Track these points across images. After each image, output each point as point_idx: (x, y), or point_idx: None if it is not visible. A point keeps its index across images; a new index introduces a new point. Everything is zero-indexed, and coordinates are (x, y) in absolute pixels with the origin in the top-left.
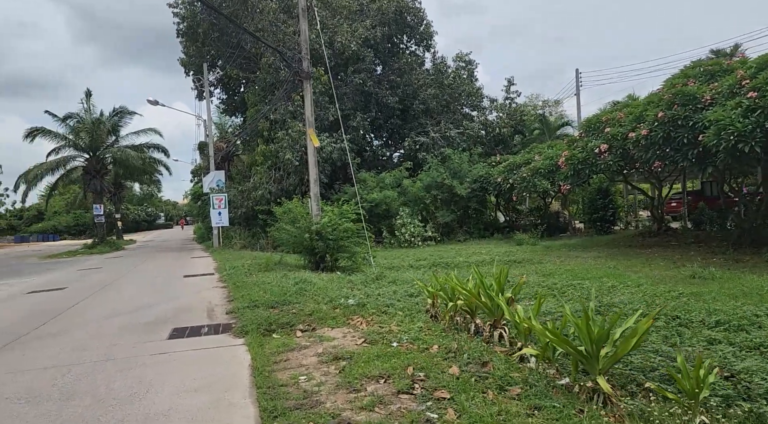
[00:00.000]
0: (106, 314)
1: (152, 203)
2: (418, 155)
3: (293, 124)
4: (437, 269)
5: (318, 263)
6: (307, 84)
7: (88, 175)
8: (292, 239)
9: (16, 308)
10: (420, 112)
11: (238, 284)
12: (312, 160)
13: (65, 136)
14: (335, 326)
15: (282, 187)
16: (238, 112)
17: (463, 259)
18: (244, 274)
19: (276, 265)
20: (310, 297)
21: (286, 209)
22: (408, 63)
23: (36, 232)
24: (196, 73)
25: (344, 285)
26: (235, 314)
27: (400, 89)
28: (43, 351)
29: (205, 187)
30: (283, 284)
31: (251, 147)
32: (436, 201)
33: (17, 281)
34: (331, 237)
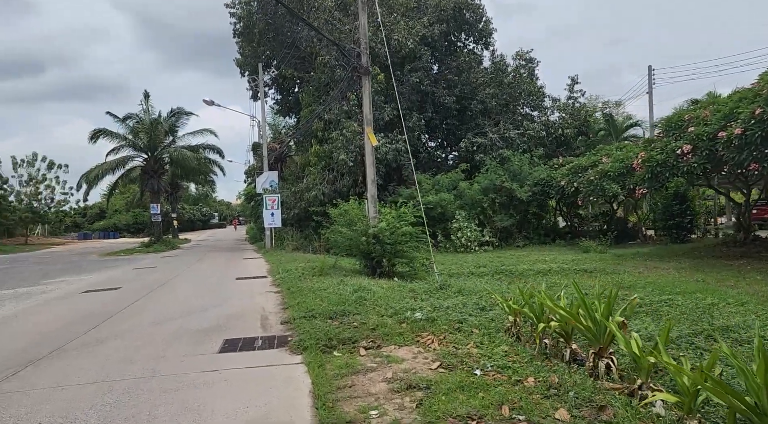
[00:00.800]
0: (157, 318)
1: (207, 203)
2: (475, 157)
3: (348, 124)
4: (501, 277)
5: (374, 268)
6: (366, 80)
7: (146, 175)
8: (347, 242)
9: (70, 308)
10: (478, 113)
11: (293, 289)
12: (369, 160)
13: (125, 136)
14: (403, 344)
15: (335, 189)
16: (292, 112)
17: (527, 267)
18: (298, 278)
19: (331, 269)
20: (371, 308)
21: (341, 211)
22: (466, 61)
23: (98, 229)
24: (251, 74)
25: (406, 295)
26: (291, 324)
27: (457, 88)
28: (88, 362)
29: (258, 187)
30: (341, 292)
31: (304, 148)
32: (493, 205)
33: (76, 279)
34: (388, 241)
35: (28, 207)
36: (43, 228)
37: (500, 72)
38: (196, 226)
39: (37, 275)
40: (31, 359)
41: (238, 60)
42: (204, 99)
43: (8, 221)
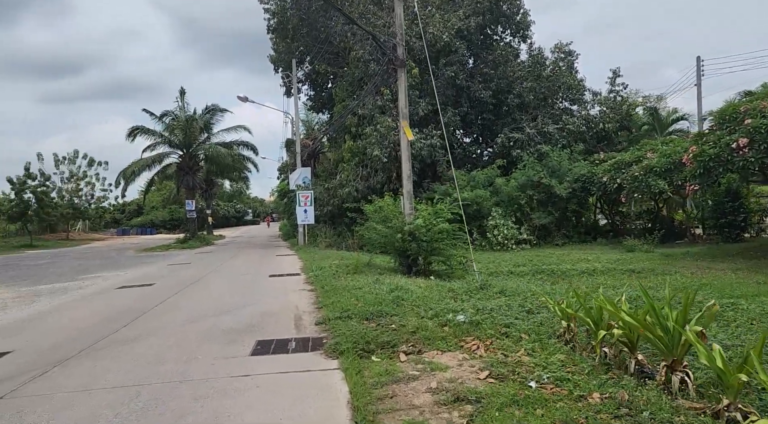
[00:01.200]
0: (189, 316)
1: (241, 200)
2: (512, 152)
3: (382, 120)
4: (542, 276)
5: (410, 267)
6: (402, 72)
7: (182, 172)
8: (382, 239)
9: (104, 304)
10: (514, 107)
11: (327, 287)
12: (405, 155)
13: (161, 133)
14: (446, 350)
15: (369, 185)
16: (325, 108)
17: (569, 266)
18: (332, 276)
19: (365, 267)
20: (409, 309)
21: (376, 207)
22: (502, 55)
23: (136, 225)
24: (284, 70)
25: (445, 295)
26: (326, 325)
27: (493, 83)
28: (117, 362)
29: (292, 184)
30: (377, 291)
31: (338, 144)
32: (531, 202)
33: (112, 275)
34: (425, 239)
35: (70, 203)
36: (83, 224)
37: (538, 65)
38: (230, 222)
39: (76, 270)
40: (61, 358)
41: (272, 56)
42: (238, 95)
43: (50, 217)
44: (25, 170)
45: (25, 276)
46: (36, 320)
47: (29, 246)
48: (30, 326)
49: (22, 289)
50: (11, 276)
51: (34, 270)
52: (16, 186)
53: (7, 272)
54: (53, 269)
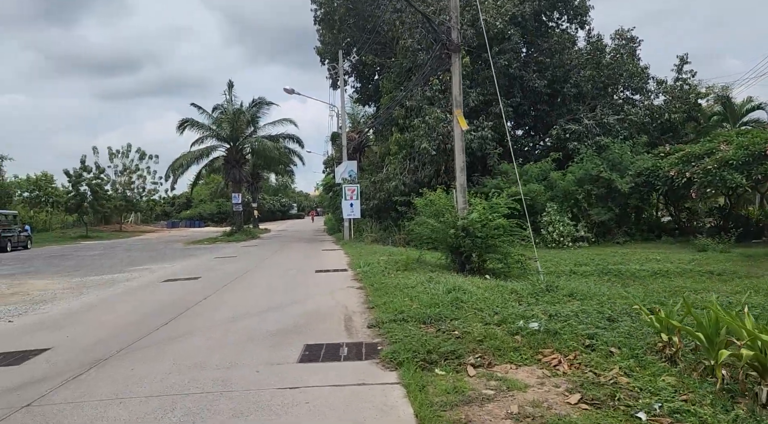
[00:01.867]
0: (233, 313)
1: (286, 194)
2: (568, 145)
3: (430, 111)
4: (610, 278)
5: (463, 264)
6: (456, 58)
7: (228, 165)
8: (433, 234)
9: (149, 298)
10: (571, 97)
11: (377, 285)
12: (458, 146)
13: (209, 126)
14: (521, 363)
15: (416, 179)
16: (371, 101)
17: (637, 266)
18: (381, 273)
19: (415, 263)
20: (470, 312)
21: (427, 201)
22: (559, 42)
23: (185, 218)
24: (331, 61)
25: (508, 297)
26: (379, 329)
27: (548, 71)
28: (155, 366)
29: (337, 177)
30: (432, 291)
31: (384, 137)
32: (589, 197)
33: (159, 267)
34: (479, 235)
35: (122, 196)
36: (135, 216)
37: (598, 52)
38: (275, 216)
39: (125, 262)
40: (98, 358)
41: (318, 48)
42: (284, 87)
43: (104, 209)
44: (81, 163)
45: (78, 267)
46: (81, 314)
47: (85, 237)
48: (74, 319)
49: (73, 280)
50: (66, 266)
51: (88, 261)
52: (73, 178)
53: (63, 262)
54: (104, 261)
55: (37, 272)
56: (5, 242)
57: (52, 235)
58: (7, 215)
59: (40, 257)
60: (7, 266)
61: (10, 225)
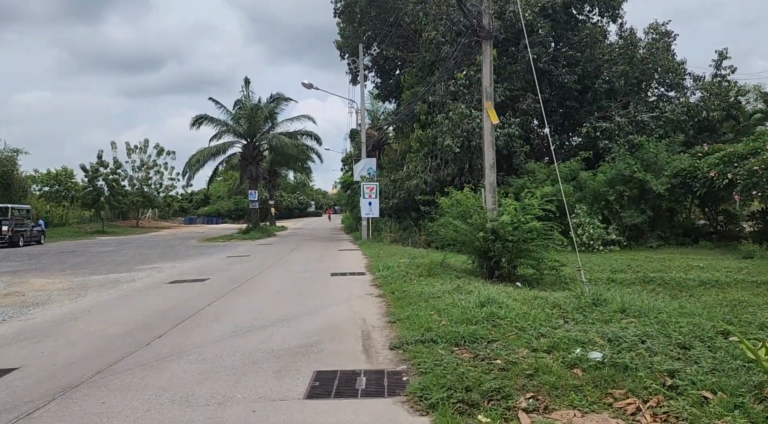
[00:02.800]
0: (236, 326)
1: (304, 192)
2: (599, 144)
3: (454, 106)
4: (654, 287)
5: (492, 270)
6: (487, 45)
7: (245, 161)
8: (460, 237)
9: (147, 304)
10: (602, 94)
11: (399, 294)
12: (488, 141)
13: (225, 122)
14: (586, 409)
15: (438, 177)
16: (392, 97)
17: (682, 274)
18: (402, 278)
19: (438, 268)
20: (510, 331)
21: (453, 201)
22: (590, 35)
23: (202, 215)
24: (351, 55)
25: (551, 312)
26: (403, 351)
27: (579, 66)
28: (132, 398)
29: (356, 175)
30: (462, 303)
31: (404, 134)
32: (621, 198)
33: (168, 266)
34: (511, 238)
35: (140, 191)
36: (153, 212)
37: (632, 46)
38: (293, 214)
39: (135, 259)
40: (67, 384)
41: (338, 42)
42: (303, 82)
43: (120, 205)
44: (98, 158)
45: (86, 264)
46: (68, 322)
47: (101, 232)
48: (58, 330)
49: (76, 279)
50: (73, 264)
51: (97, 257)
52: (89, 173)
53: (72, 258)
54: (115, 257)
55: (42, 269)
56: (18, 237)
57: (68, 230)
58: (20, 209)
59: (50, 252)
60: (14, 261)
61: (23, 220)
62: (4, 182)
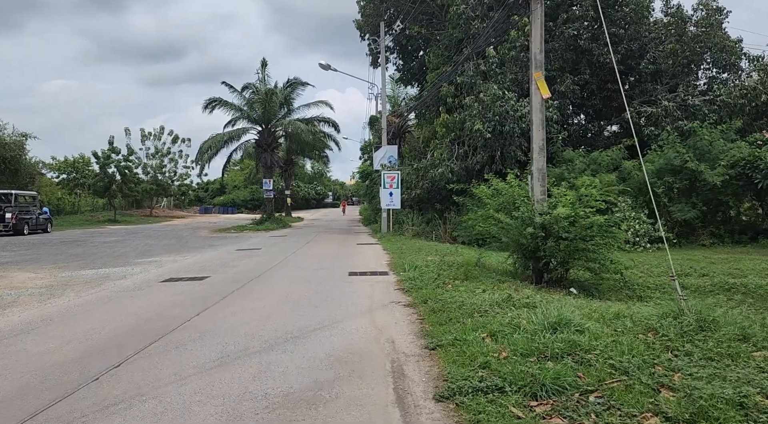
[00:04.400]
0: (223, 351)
1: (322, 182)
2: (644, 130)
3: (486, 87)
4: (739, 296)
5: (540, 273)
6: (537, 4)
7: (260, 149)
8: (503, 233)
9: (123, 312)
10: (647, 75)
11: (433, 303)
12: (538, 119)
13: (240, 107)
14: None
15: (466, 166)
16: (414, 80)
17: (760, 280)
18: (434, 281)
19: (475, 268)
20: (608, 373)
21: (493, 191)
22: (635, 11)
23: (218, 204)
24: (372, 35)
25: (651, 341)
26: (456, 406)
27: (622, 45)
28: None
29: (376, 163)
30: (524, 324)
31: (427, 120)
32: (670, 191)
33: (170, 260)
34: (566, 235)
35: (153, 179)
36: (167, 201)
37: (681, 22)
38: (310, 204)
39: (137, 251)
40: None
41: (358, 21)
42: (320, 63)
43: (132, 193)
44: (109, 144)
45: (83, 256)
46: (12, 338)
47: (113, 221)
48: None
49: (63, 274)
50: (69, 255)
51: (98, 248)
52: (101, 160)
53: (71, 249)
54: (117, 249)
55: (33, 261)
56: (22, 224)
57: (79, 218)
58: (25, 196)
59: (52, 242)
60: (10, 251)
61: (29, 207)
62: (11, 168)
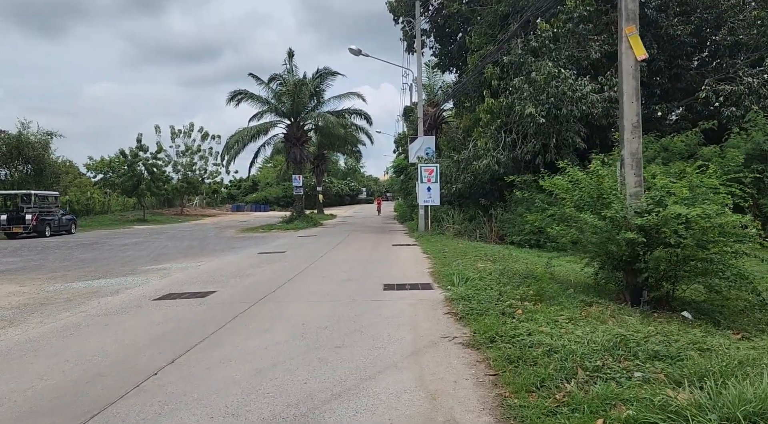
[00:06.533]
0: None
1: (355, 178)
2: (723, 112)
3: (537, 66)
4: None
5: (638, 289)
6: None
7: (288, 143)
8: (589, 238)
9: (90, 348)
10: (725, 49)
11: (508, 348)
12: (630, 87)
13: (267, 100)
14: None
15: (514, 156)
16: (453, 66)
17: None
18: (496, 302)
19: (548, 283)
20: None
21: (571, 182)
22: None
23: (250, 202)
24: (406, 16)
25: None
26: None
27: (695, 14)
28: None
29: (411, 156)
30: (682, 408)
31: (468, 107)
32: (760, 181)
33: (181, 266)
34: (680, 241)
35: (184, 177)
36: (199, 199)
37: None
38: (344, 200)
39: (150, 256)
40: None
41: (391, 3)
42: (350, 47)
43: (161, 191)
44: (137, 142)
45: (90, 262)
46: None
47: (142, 221)
48: None
49: (50, 287)
50: (77, 261)
51: (111, 253)
52: (129, 159)
53: (84, 253)
54: (131, 252)
55: (34, 268)
56: (44, 226)
57: (108, 218)
58: (47, 196)
59: (67, 245)
60: (16, 257)
61: (50, 207)
62: (36, 167)
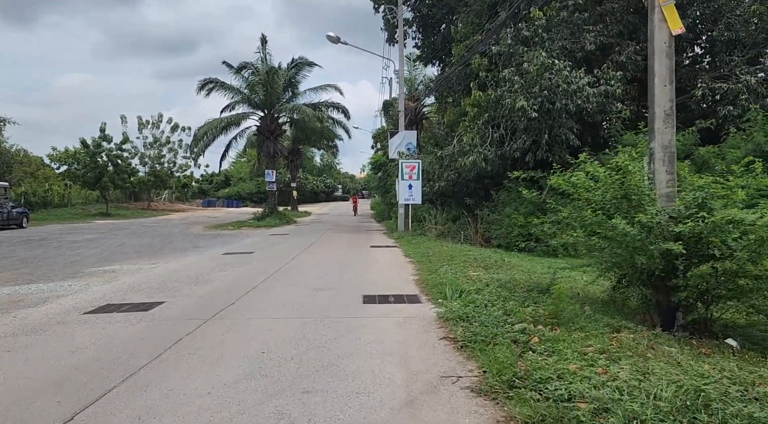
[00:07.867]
0: None
1: (331, 174)
2: (718, 110)
3: (531, 56)
4: None
5: (672, 311)
6: None
7: (261, 136)
8: (615, 247)
9: None
10: (722, 44)
11: (535, 401)
12: (664, 67)
13: (239, 89)
14: None
15: (503, 153)
16: (436, 58)
17: None
18: (504, 328)
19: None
20: None
21: (585, 180)
22: None
23: (222, 197)
24: (388, 3)
25: None
26: None
27: (692, 8)
28: None
29: (392, 151)
30: None
31: (452, 102)
32: None
33: (133, 268)
34: (730, 252)
35: (152, 170)
36: (168, 193)
37: None
38: (319, 197)
39: (102, 255)
40: None
41: None
42: (328, 35)
43: (125, 184)
44: (101, 131)
45: (30, 261)
46: None
47: (105, 215)
48: None
49: None
50: (15, 260)
51: (58, 251)
52: (90, 149)
53: (28, 251)
54: (81, 250)
55: None
56: None
57: (68, 212)
58: None
59: (11, 241)
60: None
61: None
62: None
